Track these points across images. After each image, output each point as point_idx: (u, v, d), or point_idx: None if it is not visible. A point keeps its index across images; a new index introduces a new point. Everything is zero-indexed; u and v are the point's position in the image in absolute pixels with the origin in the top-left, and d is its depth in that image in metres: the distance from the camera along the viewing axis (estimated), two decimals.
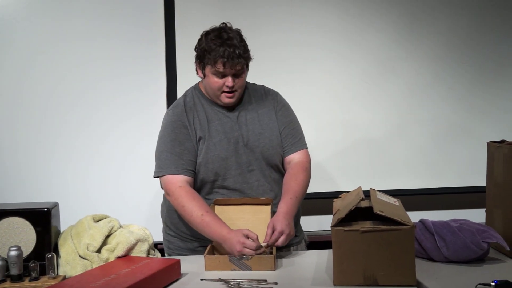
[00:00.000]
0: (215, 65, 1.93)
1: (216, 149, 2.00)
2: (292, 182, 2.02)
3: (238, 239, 1.78)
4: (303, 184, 2.04)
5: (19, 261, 1.62)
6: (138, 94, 3.02)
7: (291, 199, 1.96)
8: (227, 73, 1.95)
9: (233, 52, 1.91)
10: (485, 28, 3.16)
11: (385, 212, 1.51)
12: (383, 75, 3.12)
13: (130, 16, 3.00)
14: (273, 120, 2.10)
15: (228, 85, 1.96)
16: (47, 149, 2.97)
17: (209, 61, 1.95)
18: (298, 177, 2.04)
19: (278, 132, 2.09)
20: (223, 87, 1.98)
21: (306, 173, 2.07)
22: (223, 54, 1.91)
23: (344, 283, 1.53)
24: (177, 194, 1.94)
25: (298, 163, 2.08)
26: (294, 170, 2.07)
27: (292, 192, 1.99)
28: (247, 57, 1.98)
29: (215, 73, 1.96)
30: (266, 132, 2.07)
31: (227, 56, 1.91)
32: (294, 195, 1.98)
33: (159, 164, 2.02)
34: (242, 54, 1.94)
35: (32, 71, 2.95)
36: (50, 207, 1.74)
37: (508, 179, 1.79)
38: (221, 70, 1.94)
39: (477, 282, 1.49)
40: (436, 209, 3.19)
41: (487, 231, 1.72)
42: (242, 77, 2.00)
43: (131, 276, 1.53)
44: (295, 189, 2.00)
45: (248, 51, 1.99)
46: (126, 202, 2.94)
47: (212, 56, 1.93)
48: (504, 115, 3.19)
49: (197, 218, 1.89)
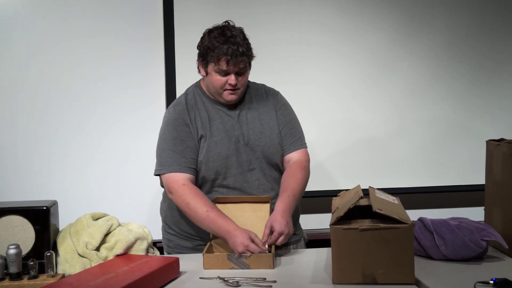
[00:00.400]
0: (218, 62, 1.93)
1: (217, 147, 2.00)
2: (290, 181, 2.02)
3: (243, 241, 1.78)
4: (301, 183, 2.04)
5: (18, 260, 1.62)
6: (137, 92, 3.02)
7: (288, 197, 1.96)
8: (230, 71, 1.95)
9: (236, 50, 1.91)
10: (484, 28, 3.16)
11: (384, 211, 1.52)
12: (382, 74, 3.12)
13: (129, 15, 3.00)
14: (274, 119, 2.10)
15: (231, 83, 1.96)
16: (46, 147, 2.97)
17: (212, 59, 1.94)
18: (296, 176, 2.04)
19: (278, 131, 2.09)
20: (225, 85, 1.97)
21: (304, 172, 2.07)
22: (226, 52, 1.90)
23: (343, 281, 1.53)
24: (181, 192, 1.94)
25: (297, 162, 2.08)
26: (292, 169, 2.06)
27: (290, 190, 1.99)
28: (250, 55, 1.98)
29: (218, 71, 1.95)
30: (266, 131, 2.06)
31: (231, 54, 1.90)
32: (292, 193, 1.98)
33: (160, 162, 2.01)
34: (246, 52, 1.94)
35: (30, 69, 2.95)
36: (49, 205, 1.74)
37: (507, 178, 1.79)
38: (225, 68, 1.93)
39: (476, 280, 1.49)
40: (435, 208, 3.20)
41: (486, 230, 1.72)
42: (245, 75, 2.00)
43: (130, 274, 1.53)
44: (293, 187, 2.00)
45: (251, 49, 1.99)
46: (125, 200, 2.94)
47: (216, 53, 1.92)
48: (503, 114, 3.19)
49: (203, 215, 1.88)
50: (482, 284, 1.47)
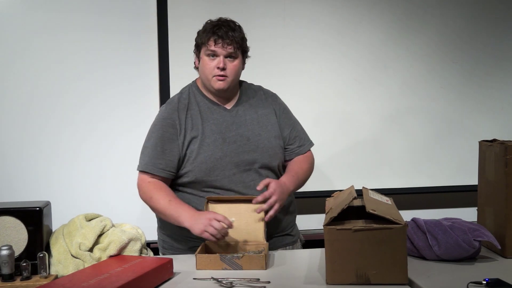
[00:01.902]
0: (207, 43, 1.98)
1: (209, 149, 2.00)
2: (295, 166, 2.11)
3: (201, 227, 1.81)
4: (306, 172, 2.13)
5: (11, 261, 1.62)
6: (129, 88, 2.99)
7: (292, 176, 2.05)
8: (219, 53, 1.98)
9: (226, 33, 1.96)
10: (478, 28, 3.17)
11: (377, 211, 1.52)
12: (375, 74, 3.12)
13: (122, 8, 2.97)
14: (273, 123, 2.11)
15: (219, 66, 1.98)
16: (38, 147, 2.94)
17: (202, 40, 2.00)
18: (303, 165, 2.13)
19: (278, 134, 2.10)
20: (214, 69, 1.99)
21: (310, 165, 2.16)
22: (215, 32, 1.97)
23: (337, 282, 1.54)
24: (145, 188, 2.00)
25: (305, 155, 2.17)
26: (299, 158, 2.15)
27: (294, 172, 2.08)
28: (241, 43, 2.01)
29: (208, 53, 1.99)
30: (264, 133, 2.07)
31: (220, 35, 1.96)
32: (296, 175, 2.06)
33: (140, 158, 2.06)
34: (236, 37, 1.98)
35: (16, 65, 2.91)
36: (42, 206, 1.73)
37: (499, 178, 1.80)
38: (213, 48, 1.97)
39: (469, 280, 1.50)
40: (428, 208, 3.21)
41: (479, 230, 1.73)
42: (234, 62, 2.01)
43: (123, 275, 1.53)
44: (297, 171, 2.09)
45: (244, 39, 2.03)
46: (118, 201, 2.93)
47: (206, 34, 1.99)
48: (496, 115, 3.20)
49: (165, 204, 1.93)
50: (474, 284, 1.48)
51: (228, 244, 1.90)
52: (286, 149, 2.13)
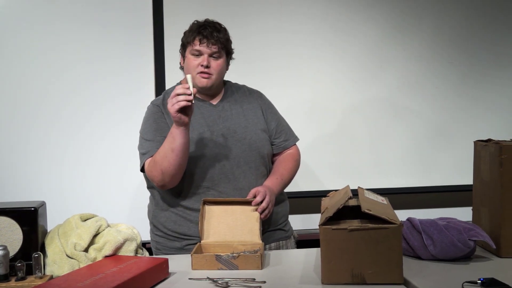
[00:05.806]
0: (193, 42, 2.02)
1: (198, 141, 2.03)
2: (280, 166, 2.14)
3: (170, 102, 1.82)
4: (290, 172, 2.15)
5: (6, 261, 1.61)
6: (125, 82, 2.99)
7: (276, 179, 2.07)
8: (203, 52, 2.01)
9: (211, 33, 2.01)
10: (474, 29, 3.19)
11: (373, 211, 1.52)
12: (371, 75, 3.13)
13: (118, 1, 2.97)
14: (259, 117, 2.15)
15: (202, 63, 2.01)
16: (33, 147, 2.94)
17: (188, 40, 2.04)
18: (287, 165, 2.15)
19: (264, 127, 2.14)
20: (198, 67, 2.02)
21: (295, 163, 2.19)
22: (200, 31, 2.01)
23: (332, 281, 1.54)
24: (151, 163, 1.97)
25: (290, 153, 2.19)
26: (284, 157, 2.18)
27: (279, 174, 2.10)
28: (226, 44, 2.05)
29: (192, 52, 2.02)
30: (251, 125, 2.11)
31: (205, 35, 2.00)
32: (280, 177, 2.09)
33: (141, 153, 2.05)
34: (220, 38, 2.02)
35: (7, 58, 2.90)
36: (37, 206, 1.72)
37: (494, 178, 1.80)
38: (197, 47, 2.01)
39: (464, 280, 1.50)
40: (424, 208, 3.22)
41: (474, 230, 1.74)
42: (218, 61, 2.04)
43: (118, 275, 1.53)
44: (282, 172, 2.11)
45: (229, 41, 2.08)
46: (114, 201, 2.93)
47: (191, 34, 2.03)
48: (491, 115, 3.22)
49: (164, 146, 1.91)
50: (469, 284, 1.48)
51: (224, 244, 1.90)
52: (273, 143, 2.17)
